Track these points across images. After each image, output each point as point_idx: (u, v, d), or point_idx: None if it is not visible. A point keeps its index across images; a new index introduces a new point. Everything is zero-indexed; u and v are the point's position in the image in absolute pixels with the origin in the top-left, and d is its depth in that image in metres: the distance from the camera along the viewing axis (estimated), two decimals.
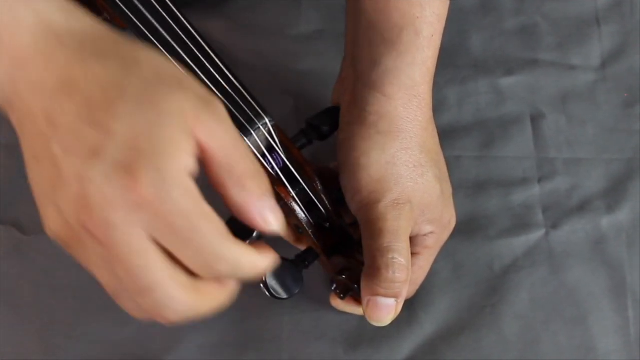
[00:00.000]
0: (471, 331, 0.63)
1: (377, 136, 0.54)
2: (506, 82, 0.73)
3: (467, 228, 0.66)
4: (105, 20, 0.67)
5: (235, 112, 0.57)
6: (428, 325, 0.63)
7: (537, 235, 0.67)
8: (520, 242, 0.66)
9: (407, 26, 0.53)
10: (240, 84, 0.58)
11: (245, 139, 0.57)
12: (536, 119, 0.72)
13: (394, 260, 0.51)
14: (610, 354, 0.62)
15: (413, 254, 0.56)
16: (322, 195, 0.57)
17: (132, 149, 0.35)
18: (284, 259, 0.57)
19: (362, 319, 0.54)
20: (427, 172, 0.55)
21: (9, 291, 0.63)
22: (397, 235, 0.52)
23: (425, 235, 0.56)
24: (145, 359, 0.61)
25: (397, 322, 0.55)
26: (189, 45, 0.58)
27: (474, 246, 0.66)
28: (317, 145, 0.60)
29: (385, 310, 0.52)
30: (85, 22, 0.38)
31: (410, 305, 0.63)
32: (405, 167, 0.54)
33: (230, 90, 0.57)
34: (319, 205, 0.57)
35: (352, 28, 0.56)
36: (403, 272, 0.52)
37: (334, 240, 0.58)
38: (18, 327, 0.62)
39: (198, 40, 0.58)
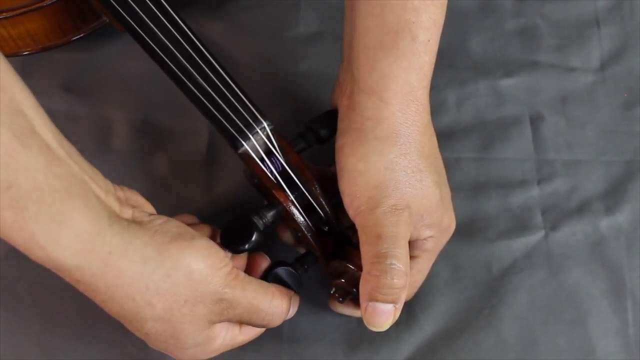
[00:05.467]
0: (470, 333, 0.63)
1: (375, 141, 0.54)
2: (506, 83, 0.73)
3: (466, 230, 0.66)
4: (105, 22, 0.68)
5: (234, 117, 0.57)
6: (427, 327, 0.63)
7: (536, 237, 0.67)
8: (519, 244, 0.66)
9: (402, 31, 0.53)
10: (238, 88, 0.58)
11: (244, 143, 0.57)
12: (535, 121, 0.71)
13: (392, 266, 0.51)
14: (609, 355, 0.62)
15: (412, 257, 0.56)
16: (321, 199, 0.57)
17: None
18: (283, 262, 0.57)
19: (361, 321, 0.54)
20: (426, 177, 0.55)
21: (8, 293, 0.63)
22: (396, 241, 0.52)
23: (424, 239, 0.56)
24: None
25: (396, 324, 0.55)
26: (187, 49, 0.58)
27: (473, 248, 0.66)
28: (315, 148, 0.60)
29: (383, 315, 0.52)
30: None
31: (409, 307, 0.63)
32: (404, 173, 0.54)
33: (228, 95, 0.57)
34: (318, 209, 0.57)
35: (349, 33, 0.56)
36: (401, 278, 0.52)
37: (333, 244, 0.58)
38: (17, 329, 0.62)
39: (196, 44, 0.58)
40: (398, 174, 0.53)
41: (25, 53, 0.67)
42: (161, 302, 0.50)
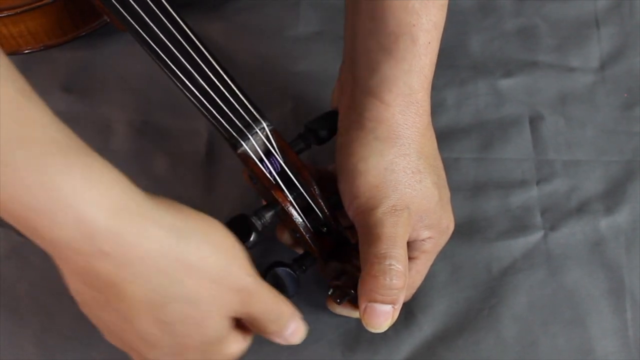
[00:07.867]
0: (469, 333, 0.63)
1: (375, 142, 0.54)
2: (505, 83, 0.73)
3: (465, 230, 0.66)
4: (105, 22, 0.68)
5: (233, 117, 0.57)
6: (426, 327, 0.63)
7: (535, 237, 0.66)
8: (519, 244, 0.66)
9: (403, 34, 0.53)
10: (238, 88, 0.58)
11: (243, 143, 0.57)
12: (535, 121, 0.71)
13: (391, 267, 0.51)
14: (608, 355, 0.62)
15: (410, 258, 0.56)
16: (320, 200, 0.57)
17: None
18: (281, 263, 0.57)
19: (360, 321, 0.54)
20: (425, 178, 0.55)
21: (7, 294, 0.63)
22: (395, 241, 0.52)
23: (423, 240, 0.56)
24: None
25: (395, 324, 0.55)
26: (187, 49, 0.58)
27: (472, 248, 0.66)
28: (315, 148, 0.60)
29: (382, 316, 0.52)
30: None
31: (408, 308, 0.63)
32: (404, 173, 0.54)
33: (228, 95, 0.58)
34: (317, 210, 0.57)
35: (350, 34, 0.56)
36: (400, 278, 0.52)
37: (331, 245, 0.58)
38: (16, 330, 0.62)
39: (196, 44, 0.58)
40: (398, 175, 0.54)
41: (26, 51, 0.67)
42: (192, 280, 0.43)
